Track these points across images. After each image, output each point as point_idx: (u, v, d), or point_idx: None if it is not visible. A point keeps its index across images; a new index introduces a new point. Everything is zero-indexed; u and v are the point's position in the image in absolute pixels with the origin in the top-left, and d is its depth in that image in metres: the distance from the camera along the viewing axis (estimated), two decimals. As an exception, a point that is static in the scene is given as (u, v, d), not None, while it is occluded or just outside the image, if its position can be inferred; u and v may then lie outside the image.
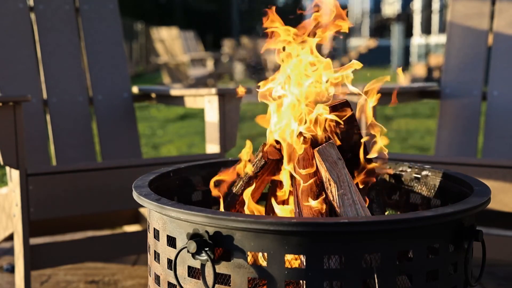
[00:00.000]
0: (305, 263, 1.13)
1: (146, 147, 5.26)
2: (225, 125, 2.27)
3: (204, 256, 1.15)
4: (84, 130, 2.60)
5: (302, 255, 1.15)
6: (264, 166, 1.45)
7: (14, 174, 1.99)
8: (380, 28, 23.01)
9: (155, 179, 1.48)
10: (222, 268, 1.16)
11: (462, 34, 2.72)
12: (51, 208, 2.03)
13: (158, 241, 1.29)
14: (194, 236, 1.17)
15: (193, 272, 1.22)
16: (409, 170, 1.62)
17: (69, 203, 2.05)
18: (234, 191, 1.48)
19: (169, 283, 1.27)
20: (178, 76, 10.81)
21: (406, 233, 1.16)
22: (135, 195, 1.32)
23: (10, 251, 2.67)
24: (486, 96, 2.64)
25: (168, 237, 1.26)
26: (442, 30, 15.12)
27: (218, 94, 2.25)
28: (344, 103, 1.44)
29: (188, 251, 1.16)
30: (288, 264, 1.23)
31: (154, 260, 1.32)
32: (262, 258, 1.28)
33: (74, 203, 2.06)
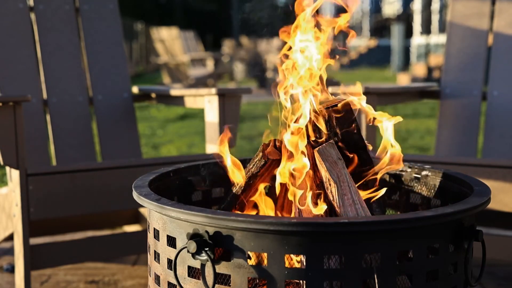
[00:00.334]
0: (305, 263, 1.13)
1: (146, 147, 5.26)
2: (225, 125, 2.27)
3: (204, 256, 1.15)
4: (84, 130, 2.60)
5: (302, 255, 1.15)
6: (264, 166, 1.45)
7: (14, 174, 1.99)
8: (380, 28, 23.01)
9: (155, 179, 1.48)
10: (222, 268, 1.16)
11: (462, 34, 2.72)
12: (51, 208, 2.03)
13: (158, 241, 1.29)
14: (194, 236, 1.17)
15: (193, 272, 1.22)
16: (409, 170, 1.62)
17: (69, 203, 2.05)
18: (234, 191, 1.48)
19: (169, 283, 1.27)
20: (178, 76, 10.81)
21: (406, 233, 1.16)
22: (135, 195, 1.32)
23: (10, 251, 2.67)
24: (486, 96, 2.64)
25: (168, 237, 1.26)
26: (442, 30, 15.12)
27: (218, 94, 2.25)
28: (344, 103, 1.44)
29: (188, 251, 1.16)
30: (288, 264, 1.23)
31: (154, 260, 1.32)
32: (262, 258, 1.28)
33: (74, 203, 2.06)
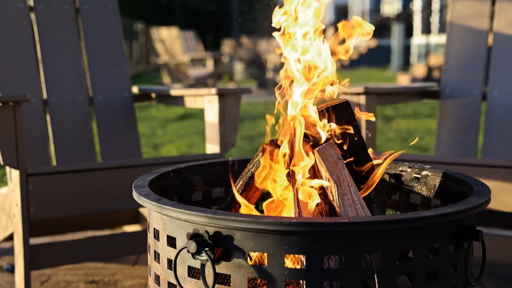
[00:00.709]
0: (305, 263, 1.13)
1: (146, 147, 5.26)
2: (225, 125, 2.27)
3: (204, 256, 1.15)
4: (84, 130, 2.60)
5: (302, 255, 1.15)
6: (264, 166, 1.45)
7: (14, 174, 1.99)
8: (380, 28, 23.00)
9: (155, 179, 1.48)
10: (222, 268, 1.16)
11: (462, 34, 2.72)
12: (51, 208, 2.03)
13: (158, 241, 1.29)
14: (194, 236, 1.17)
15: (193, 272, 1.22)
16: (409, 170, 1.62)
17: (69, 203, 2.05)
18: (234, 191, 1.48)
19: (169, 283, 1.27)
20: (178, 76, 10.81)
21: (406, 233, 1.16)
22: (135, 195, 1.32)
23: (10, 251, 2.67)
24: (486, 96, 2.64)
25: (168, 237, 1.26)
26: (442, 30, 15.12)
27: (218, 94, 2.25)
28: (344, 103, 1.44)
29: (188, 251, 1.16)
30: (288, 264, 1.23)
31: (154, 260, 1.32)
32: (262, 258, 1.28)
33: (74, 203, 2.06)
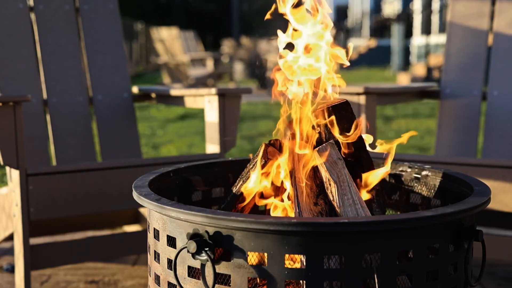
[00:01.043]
0: (305, 263, 1.13)
1: (146, 147, 5.26)
2: (225, 125, 2.27)
3: (204, 256, 1.15)
4: (84, 130, 2.60)
5: (302, 255, 1.15)
6: (264, 166, 1.45)
7: (14, 174, 1.99)
8: (380, 28, 23.00)
9: (155, 179, 1.48)
10: (222, 268, 1.16)
11: (462, 34, 2.72)
12: (51, 208, 2.03)
13: (158, 241, 1.29)
14: (194, 236, 1.17)
15: (193, 272, 1.22)
16: (409, 170, 1.62)
17: (69, 203, 2.05)
18: (234, 191, 1.48)
19: (169, 283, 1.27)
20: (178, 76, 10.81)
21: (406, 233, 1.16)
22: (135, 195, 1.32)
23: (10, 251, 2.67)
24: (486, 96, 2.64)
25: (168, 237, 1.26)
26: (442, 30, 15.12)
27: (218, 94, 2.25)
28: (344, 103, 1.44)
29: (188, 251, 1.16)
30: (288, 264, 1.23)
31: (154, 260, 1.32)
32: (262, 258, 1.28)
33: (74, 203, 2.06)
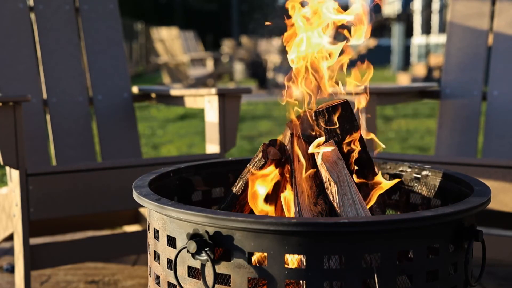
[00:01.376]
0: (305, 263, 1.13)
1: (146, 147, 5.26)
2: (225, 125, 2.27)
3: (204, 256, 1.15)
4: (84, 130, 2.60)
5: (302, 255, 1.15)
6: (264, 166, 1.45)
7: (14, 174, 1.99)
8: (380, 28, 22.99)
9: (155, 179, 1.48)
10: (222, 268, 1.16)
11: (462, 34, 2.72)
12: (51, 208, 2.03)
13: (158, 241, 1.29)
14: (194, 236, 1.17)
15: (193, 272, 1.22)
16: (409, 170, 1.62)
17: (69, 203, 2.05)
18: (234, 191, 1.48)
19: (169, 283, 1.27)
20: (178, 76, 10.81)
21: (406, 233, 1.16)
22: (135, 195, 1.32)
23: (10, 251, 2.67)
24: (486, 96, 2.64)
25: (168, 237, 1.26)
26: (442, 30, 15.12)
27: (218, 94, 2.25)
28: (344, 103, 1.44)
29: (188, 251, 1.16)
30: (288, 264, 1.23)
31: (154, 260, 1.32)
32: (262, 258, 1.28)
33: (74, 203, 2.06)
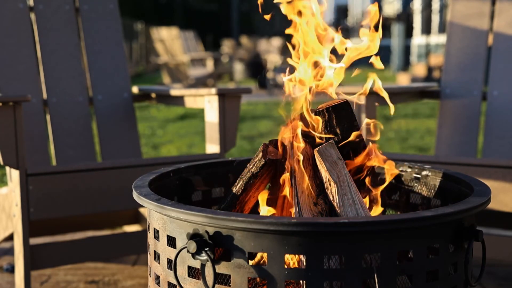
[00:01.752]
0: (305, 263, 1.13)
1: (146, 147, 5.26)
2: (225, 125, 2.27)
3: (204, 256, 1.15)
4: (84, 130, 2.60)
5: (302, 255, 1.15)
6: (264, 166, 1.45)
7: (14, 174, 1.99)
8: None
9: (155, 179, 1.48)
10: (222, 268, 1.16)
11: (462, 34, 2.72)
12: (51, 208, 2.03)
13: (158, 241, 1.29)
14: (194, 236, 1.17)
15: (193, 272, 1.22)
16: (409, 170, 1.62)
17: (69, 203, 2.05)
18: (234, 191, 1.48)
19: (169, 283, 1.27)
20: (178, 76, 10.81)
21: (406, 233, 1.16)
22: (135, 195, 1.32)
23: (10, 251, 2.67)
24: (486, 96, 2.64)
25: (168, 237, 1.26)
26: (442, 30, 15.12)
27: (218, 94, 2.25)
28: (344, 103, 1.44)
29: (188, 251, 1.16)
30: (288, 264, 1.23)
31: (154, 260, 1.32)
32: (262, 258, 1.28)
33: (74, 203, 2.06)
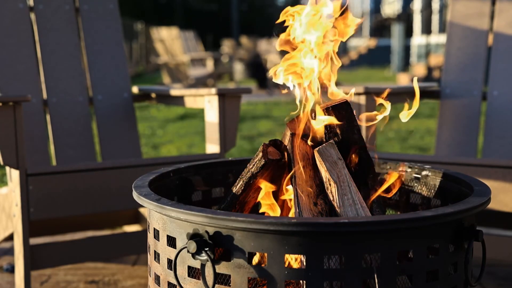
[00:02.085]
0: (305, 263, 1.13)
1: (146, 147, 5.26)
2: (225, 125, 2.27)
3: (204, 256, 1.15)
4: (84, 130, 2.60)
5: (302, 255, 1.15)
6: (264, 166, 1.45)
7: (14, 174, 1.99)
8: (380, 28, 23.00)
9: (155, 179, 1.48)
10: (222, 268, 1.16)
11: (462, 34, 2.72)
12: (51, 208, 2.03)
13: (158, 241, 1.29)
14: (194, 236, 1.17)
15: (193, 272, 1.22)
16: (409, 170, 1.62)
17: (69, 203, 2.05)
18: (234, 191, 1.48)
19: (169, 283, 1.27)
20: (178, 76, 10.81)
21: (406, 233, 1.16)
22: (135, 195, 1.32)
23: (10, 251, 2.67)
24: (486, 96, 2.64)
25: (168, 237, 1.26)
26: (442, 30, 15.12)
27: (218, 94, 2.25)
28: (344, 103, 1.44)
29: (188, 251, 1.16)
30: (288, 264, 1.23)
31: (154, 260, 1.32)
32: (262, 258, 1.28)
33: (74, 203, 2.06)
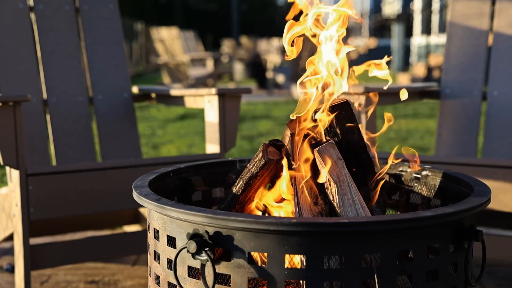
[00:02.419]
0: (305, 263, 1.13)
1: (146, 147, 5.26)
2: (225, 125, 2.27)
3: (204, 256, 1.15)
4: (84, 130, 2.60)
5: (302, 255, 1.15)
6: (264, 166, 1.45)
7: (14, 174, 1.99)
8: (380, 28, 23.00)
9: (155, 179, 1.48)
10: (222, 268, 1.16)
11: (462, 34, 2.72)
12: (51, 208, 2.03)
13: (158, 241, 1.29)
14: (194, 236, 1.17)
15: (193, 272, 1.22)
16: (409, 170, 1.62)
17: (69, 203, 2.05)
18: (234, 191, 1.48)
19: (169, 283, 1.27)
20: (178, 76, 10.81)
21: (406, 233, 1.16)
22: (135, 195, 1.32)
23: (10, 251, 2.67)
24: (486, 96, 2.64)
25: (168, 237, 1.26)
26: (442, 30, 15.12)
27: (218, 94, 2.25)
28: (344, 103, 1.44)
29: (188, 251, 1.16)
30: (288, 264, 1.23)
31: (154, 260, 1.32)
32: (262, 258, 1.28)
33: (74, 203, 2.06)
